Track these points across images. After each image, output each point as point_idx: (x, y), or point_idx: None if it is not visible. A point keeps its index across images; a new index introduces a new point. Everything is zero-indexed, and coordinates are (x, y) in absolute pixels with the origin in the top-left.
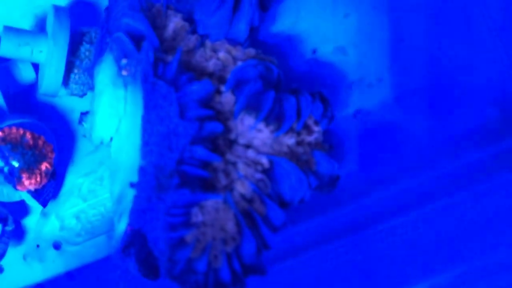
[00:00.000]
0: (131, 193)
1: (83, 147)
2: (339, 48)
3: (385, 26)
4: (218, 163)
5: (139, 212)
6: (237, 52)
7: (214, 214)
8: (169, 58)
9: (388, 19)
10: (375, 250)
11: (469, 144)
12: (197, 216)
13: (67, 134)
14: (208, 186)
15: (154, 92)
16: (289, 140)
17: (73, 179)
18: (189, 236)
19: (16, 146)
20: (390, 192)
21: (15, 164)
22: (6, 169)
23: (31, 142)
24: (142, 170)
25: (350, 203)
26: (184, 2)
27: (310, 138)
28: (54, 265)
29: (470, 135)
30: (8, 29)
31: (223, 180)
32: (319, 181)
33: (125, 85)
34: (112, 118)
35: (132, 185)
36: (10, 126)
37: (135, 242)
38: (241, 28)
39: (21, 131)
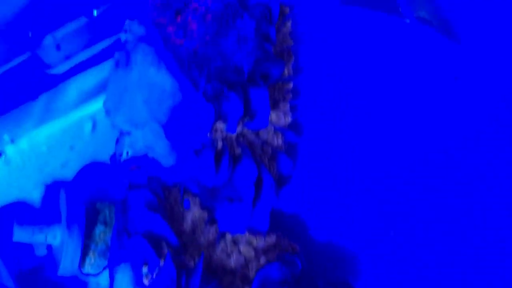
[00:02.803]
0: None
1: None
2: None
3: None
4: None
5: None
6: (258, 242)
7: None
8: (191, 262)
9: None
10: None
11: None
12: None
13: None
14: None
15: None
16: None
17: None
18: None
19: None
20: None
21: None
22: None
23: None
24: None
25: None
26: (205, 197)
27: None
28: None
29: None
30: (21, 220)
31: None
32: None
33: None
34: None
35: None
36: None
37: None
38: (262, 220)
39: None
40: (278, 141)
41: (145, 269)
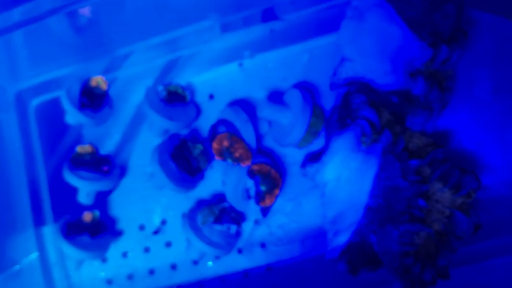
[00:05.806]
0: (350, 219)
1: (292, 181)
2: None
3: None
4: (425, 209)
5: (367, 232)
6: (424, 138)
7: (424, 240)
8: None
9: None
10: None
11: None
12: (415, 239)
13: (286, 172)
14: (421, 222)
15: (386, 160)
16: (460, 200)
17: (282, 201)
18: (411, 251)
19: (264, 177)
20: None
21: (263, 188)
22: (251, 190)
23: (273, 175)
24: (371, 207)
25: None
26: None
27: (469, 200)
28: (260, 259)
29: None
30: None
31: (427, 220)
32: (475, 226)
33: (360, 152)
34: (338, 170)
35: (366, 214)
36: (260, 163)
37: (349, 251)
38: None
39: (268, 168)
40: None
41: (363, 138)
